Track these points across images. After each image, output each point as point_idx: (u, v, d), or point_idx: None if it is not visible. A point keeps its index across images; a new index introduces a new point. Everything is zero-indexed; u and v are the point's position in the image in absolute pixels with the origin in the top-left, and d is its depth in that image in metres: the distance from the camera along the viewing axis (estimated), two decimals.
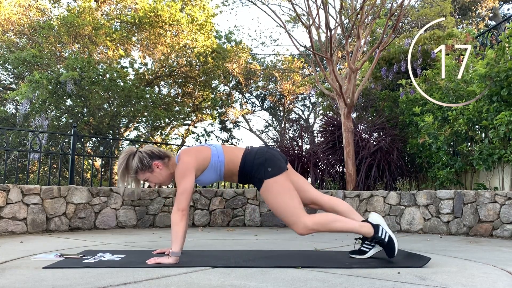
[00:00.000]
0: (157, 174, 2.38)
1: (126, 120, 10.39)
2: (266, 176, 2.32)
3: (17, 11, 9.97)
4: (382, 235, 2.31)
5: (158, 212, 4.89)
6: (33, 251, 2.71)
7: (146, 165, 2.34)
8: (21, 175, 9.10)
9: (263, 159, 2.35)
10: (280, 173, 2.33)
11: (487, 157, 4.77)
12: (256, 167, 2.35)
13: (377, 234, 2.31)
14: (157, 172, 2.38)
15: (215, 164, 2.38)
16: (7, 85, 10.51)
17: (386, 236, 2.31)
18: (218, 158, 2.38)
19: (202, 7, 10.85)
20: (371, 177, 5.92)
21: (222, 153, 2.40)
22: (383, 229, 2.33)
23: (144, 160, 2.34)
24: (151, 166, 2.36)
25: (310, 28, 5.99)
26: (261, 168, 2.34)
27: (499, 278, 1.97)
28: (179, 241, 2.21)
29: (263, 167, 2.34)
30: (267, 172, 2.32)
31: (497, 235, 4.01)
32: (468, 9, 15.27)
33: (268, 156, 2.37)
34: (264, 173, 2.32)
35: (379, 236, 2.31)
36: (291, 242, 3.46)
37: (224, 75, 11.93)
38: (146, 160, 2.34)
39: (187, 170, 2.29)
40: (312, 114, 16.13)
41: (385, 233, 2.31)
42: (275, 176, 2.32)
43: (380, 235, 2.31)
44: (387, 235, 2.31)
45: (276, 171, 2.33)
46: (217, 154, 2.39)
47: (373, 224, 2.34)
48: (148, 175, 2.38)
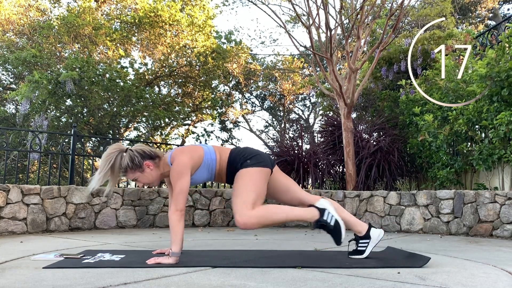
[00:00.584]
0: (147, 174, 2.34)
1: (126, 120, 10.39)
2: (243, 166, 2.37)
3: (17, 11, 9.97)
4: (327, 219, 2.26)
5: (158, 212, 4.89)
6: (33, 251, 2.71)
7: (137, 165, 2.29)
8: (21, 175, 9.10)
9: (246, 153, 2.42)
10: (258, 166, 2.36)
11: (487, 157, 4.77)
12: (239, 159, 2.40)
13: (322, 218, 2.26)
14: (148, 173, 2.33)
15: (208, 162, 2.40)
16: (7, 85, 10.50)
17: (332, 220, 2.26)
18: (210, 156, 2.41)
19: (202, 7, 10.85)
20: (371, 177, 5.92)
21: (213, 151, 2.44)
22: (329, 213, 2.28)
23: (135, 159, 2.28)
24: (142, 165, 2.30)
25: (310, 28, 5.99)
26: (241, 159, 2.39)
27: (499, 278, 1.97)
28: (178, 241, 2.21)
29: (244, 158, 2.40)
30: (245, 163, 2.37)
31: (497, 235, 4.01)
32: (468, 9, 15.27)
33: (252, 151, 2.45)
34: (241, 163, 2.38)
35: (324, 219, 2.26)
36: (291, 242, 3.46)
37: (224, 75, 11.93)
38: (138, 159, 2.29)
39: (183, 169, 2.28)
40: (312, 114, 16.13)
41: (331, 217, 2.27)
42: (253, 167, 2.35)
43: (326, 218, 2.26)
44: (333, 219, 2.27)
45: (254, 163, 2.37)
46: (209, 152, 2.42)
47: (319, 208, 2.30)
48: (138, 175, 2.32)
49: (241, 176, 2.36)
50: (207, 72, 10.73)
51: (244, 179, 2.34)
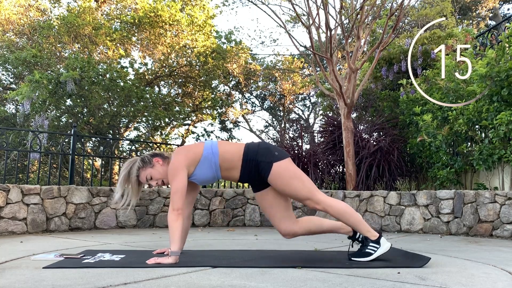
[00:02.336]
0: (159, 168, 2.39)
1: (126, 120, 10.39)
2: (275, 159, 2.33)
3: (17, 11, 9.96)
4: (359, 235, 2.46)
5: (158, 212, 4.89)
6: (33, 251, 2.71)
7: (147, 161, 2.39)
8: (21, 175, 9.10)
9: (267, 145, 2.42)
10: (286, 157, 2.37)
11: (487, 157, 4.77)
12: (262, 152, 2.36)
13: (356, 234, 2.46)
14: (158, 167, 2.40)
15: (208, 156, 2.34)
16: (7, 85, 10.50)
17: (361, 235, 2.43)
18: (211, 150, 2.36)
19: (202, 7, 10.85)
20: (371, 177, 5.92)
21: (216, 145, 2.39)
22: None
23: (145, 158, 2.42)
24: (151, 161, 2.39)
25: (310, 28, 5.99)
26: (267, 152, 2.36)
27: (499, 278, 1.97)
28: (176, 241, 2.21)
29: (270, 151, 2.36)
30: (275, 156, 2.34)
31: (497, 235, 4.01)
32: (468, 9, 15.26)
33: (272, 145, 2.45)
34: (272, 156, 2.34)
35: (357, 236, 2.46)
36: (291, 242, 3.46)
37: (224, 75, 11.93)
38: (147, 157, 2.41)
39: (177, 168, 2.30)
40: (312, 114, 16.11)
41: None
42: (284, 159, 2.35)
43: (358, 235, 2.45)
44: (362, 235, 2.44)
45: (283, 155, 2.37)
46: (210, 146, 2.38)
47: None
48: (149, 171, 2.38)
49: (282, 172, 2.33)
50: (207, 72, 10.73)
51: (291, 173, 2.34)
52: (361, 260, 2.32)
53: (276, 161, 2.32)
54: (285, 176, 2.32)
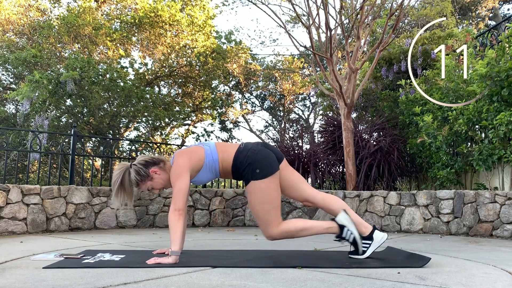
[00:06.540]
0: (158, 179, 2.43)
1: (126, 120, 10.39)
2: (254, 178, 2.35)
3: (17, 11, 9.96)
4: (345, 236, 2.37)
5: (158, 212, 4.89)
6: (33, 251, 2.71)
7: (144, 175, 2.39)
8: (21, 175, 9.09)
9: (252, 159, 2.37)
10: (268, 176, 2.35)
11: (487, 157, 4.77)
12: (245, 166, 2.38)
13: (341, 235, 2.38)
14: (157, 178, 2.43)
15: (210, 164, 2.41)
16: (7, 85, 10.50)
17: (351, 238, 2.37)
18: (212, 157, 2.42)
19: (202, 7, 10.85)
20: (371, 177, 5.92)
21: (215, 151, 2.43)
22: (348, 230, 2.37)
23: (140, 171, 2.38)
24: (149, 174, 2.40)
25: (310, 28, 5.99)
26: (249, 168, 2.36)
27: (499, 278, 1.97)
28: (177, 241, 2.22)
29: (252, 167, 2.36)
30: (255, 174, 2.35)
31: (497, 235, 4.01)
32: (468, 9, 15.27)
33: (259, 157, 2.38)
34: (251, 175, 2.36)
35: (343, 236, 2.38)
36: (291, 242, 3.46)
37: (224, 75, 11.93)
38: (143, 170, 2.39)
39: (181, 170, 2.32)
40: (312, 114, 16.11)
41: (349, 234, 2.37)
42: (263, 178, 2.34)
43: (345, 235, 2.37)
44: (351, 236, 2.37)
45: (264, 174, 2.35)
46: (210, 153, 2.42)
47: (339, 225, 2.39)
48: (149, 184, 2.42)
49: (254, 191, 2.36)
50: (207, 72, 10.73)
51: (257, 195, 2.36)
52: (356, 257, 2.43)
53: (254, 179, 2.35)
54: (255, 198, 2.37)
